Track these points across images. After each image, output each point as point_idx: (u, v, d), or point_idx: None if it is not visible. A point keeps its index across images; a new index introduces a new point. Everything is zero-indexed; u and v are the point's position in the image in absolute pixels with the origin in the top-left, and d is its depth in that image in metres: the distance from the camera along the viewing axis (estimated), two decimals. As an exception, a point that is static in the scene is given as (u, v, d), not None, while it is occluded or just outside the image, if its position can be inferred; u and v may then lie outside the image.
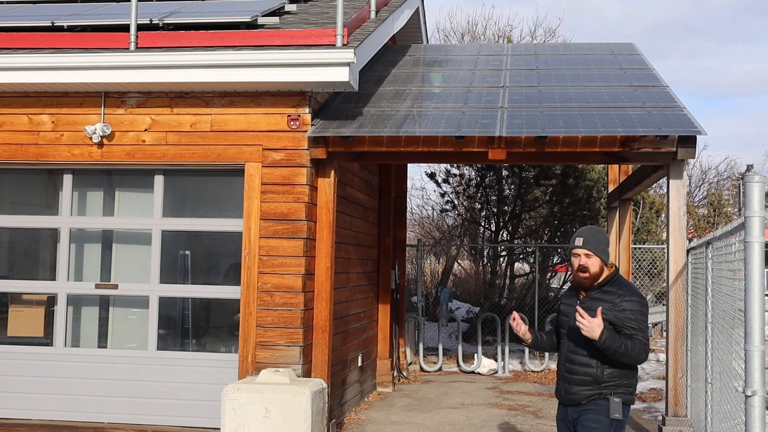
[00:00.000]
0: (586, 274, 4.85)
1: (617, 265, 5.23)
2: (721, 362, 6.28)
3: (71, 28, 8.79)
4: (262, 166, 8.15)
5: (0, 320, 8.88)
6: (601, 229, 5.09)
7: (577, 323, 4.65)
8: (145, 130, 8.37)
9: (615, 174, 12.83)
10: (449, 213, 20.47)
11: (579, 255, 4.87)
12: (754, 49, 65.18)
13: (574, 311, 4.88)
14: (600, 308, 4.66)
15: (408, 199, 14.79)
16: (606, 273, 4.89)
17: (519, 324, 4.99)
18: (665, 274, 8.49)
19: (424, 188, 35.60)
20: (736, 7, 62.55)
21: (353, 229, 10.00)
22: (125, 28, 8.32)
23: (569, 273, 18.49)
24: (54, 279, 8.74)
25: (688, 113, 8.31)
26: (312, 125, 8.20)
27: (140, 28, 8.30)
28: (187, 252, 8.75)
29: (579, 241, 4.86)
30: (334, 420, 8.44)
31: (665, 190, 8.63)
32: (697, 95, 60.33)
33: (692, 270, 8.51)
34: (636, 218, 18.37)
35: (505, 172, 17.98)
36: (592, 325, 4.60)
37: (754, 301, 3.59)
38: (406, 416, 9.76)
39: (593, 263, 4.84)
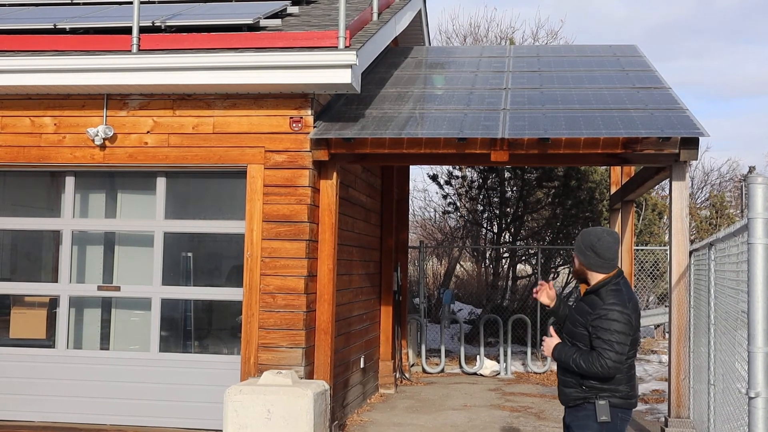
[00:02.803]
0: (576, 274, 5.05)
1: (620, 267, 5.11)
2: (723, 364, 6.27)
3: (73, 31, 8.79)
4: (265, 168, 8.15)
5: (2, 322, 8.89)
6: (593, 231, 4.89)
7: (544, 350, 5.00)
8: (148, 132, 8.37)
9: (617, 176, 12.82)
10: (451, 215, 20.47)
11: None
12: (761, 50, 64.97)
13: (574, 313, 4.94)
14: (552, 328, 4.98)
15: (410, 201, 14.77)
16: (601, 278, 4.79)
17: (546, 286, 5.13)
18: (668, 276, 8.48)
19: (426, 190, 35.51)
20: (743, 8, 62.41)
21: (355, 230, 9.99)
22: (127, 31, 8.32)
23: (571, 274, 18.52)
24: (56, 281, 8.75)
25: (691, 115, 8.30)
26: (314, 127, 8.20)
27: (142, 30, 8.31)
28: (190, 254, 8.75)
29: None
30: (336, 422, 8.43)
31: (667, 192, 8.62)
32: (702, 97, 60.18)
33: (695, 271, 8.50)
34: (638, 220, 18.35)
35: (507, 174, 17.97)
36: (548, 344, 4.91)
37: (757, 302, 3.58)
38: (408, 418, 9.75)
39: (575, 261, 4.98)
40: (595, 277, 4.83)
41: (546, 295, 5.11)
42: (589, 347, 4.69)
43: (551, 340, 4.92)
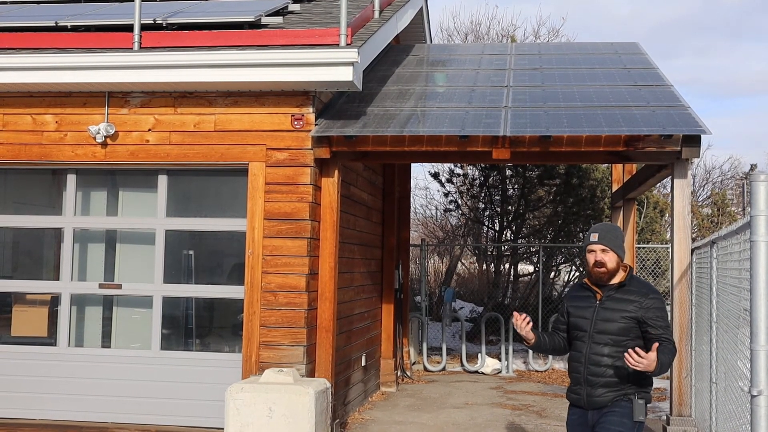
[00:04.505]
0: (603, 269, 4.80)
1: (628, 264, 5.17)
2: (725, 362, 6.26)
3: (75, 28, 8.79)
4: (266, 166, 8.15)
5: (4, 320, 8.89)
6: (615, 225, 5.07)
7: (632, 365, 4.48)
8: (149, 129, 8.37)
9: (619, 174, 12.81)
10: (453, 213, 20.46)
11: (595, 251, 4.83)
12: (765, 49, 64.82)
13: (592, 312, 4.83)
14: (656, 345, 4.53)
15: (411, 199, 14.78)
16: (623, 273, 4.87)
17: (521, 323, 4.88)
18: (669, 274, 8.47)
19: (427, 188, 35.52)
20: (747, 6, 62.26)
21: (357, 228, 9.99)
22: (129, 28, 8.32)
23: (573, 272, 18.52)
24: (58, 279, 8.74)
25: (693, 112, 8.29)
26: (316, 125, 8.20)
27: (144, 27, 8.30)
28: (191, 252, 8.74)
29: (594, 237, 4.84)
30: (337, 420, 8.43)
31: (669, 190, 8.61)
32: (706, 95, 60.07)
33: (696, 269, 8.49)
34: (640, 218, 18.34)
35: (508, 172, 17.98)
36: (650, 362, 4.47)
37: (760, 300, 3.57)
38: (409, 416, 9.75)
39: (610, 258, 4.81)
40: (620, 271, 4.87)
41: (525, 331, 4.88)
42: (638, 338, 4.71)
43: (653, 356, 4.47)
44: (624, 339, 4.71)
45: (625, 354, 4.52)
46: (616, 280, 4.85)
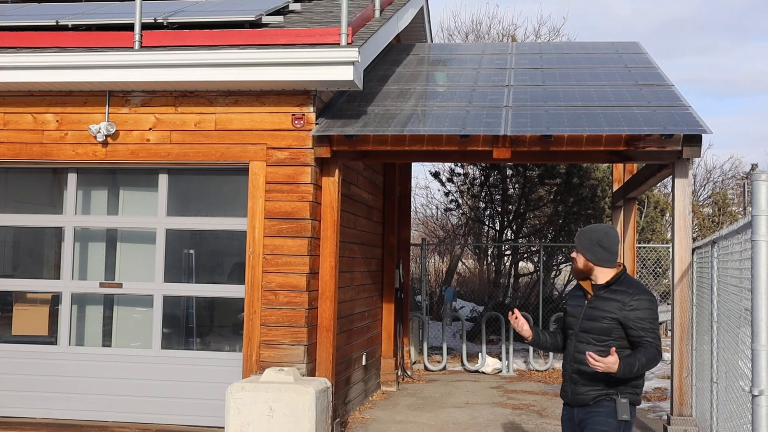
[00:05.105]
0: (575, 267, 4.95)
1: (623, 264, 5.16)
2: (726, 361, 6.26)
3: (75, 27, 8.79)
4: (267, 165, 8.15)
5: (4, 319, 8.89)
6: (597, 227, 5.00)
7: (592, 367, 4.55)
8: (150, 129, 8.37)
9: (619, 173, 12.81)
10: (453, 212, 20.47)
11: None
12: (767, 48, 64.83)
13: (581, 311, 4.85)
14: (614, 348, 4.59)
15: (412, 198, 14.77)
16: (613, 272, 4.85)
17: (518, 320, 4.93)
18: (670, 273, 8.46)
19: (428, 187, 35.42)
20: (749, 5, 62.28)
21: (357, 228, 9.99)
22: (130, 27, 8.32)
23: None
24: (58, 278, 8.75)
25: (693, 112, 8.29)
26: (316, 124, 8.20)
27: (144, 27, 8.30)
28: (192, 251, 8.74)
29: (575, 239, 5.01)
30: (338, 419, 8.43)
31: (670, 189, 8.61)
32: (708, 94, 60.12)
33: (697, 269, 8.49)
34: (640, 217, 18.35)
35: (509, 171, 17.98)
36: (608, 364, 4.52)
37: (761, 300, 3.57)
38: (410, 415, 9.75)
39: (579, 260, 4.90)
40: (605, 272, 4.85)
41: (524, 326, 4.95)
42: (621, 338, 4.70)
43: (612, 359, 4.53)
44: (607, 339, 4.72)
45: (587, 353, 4.57)
46: (603, 280, 4.86)
